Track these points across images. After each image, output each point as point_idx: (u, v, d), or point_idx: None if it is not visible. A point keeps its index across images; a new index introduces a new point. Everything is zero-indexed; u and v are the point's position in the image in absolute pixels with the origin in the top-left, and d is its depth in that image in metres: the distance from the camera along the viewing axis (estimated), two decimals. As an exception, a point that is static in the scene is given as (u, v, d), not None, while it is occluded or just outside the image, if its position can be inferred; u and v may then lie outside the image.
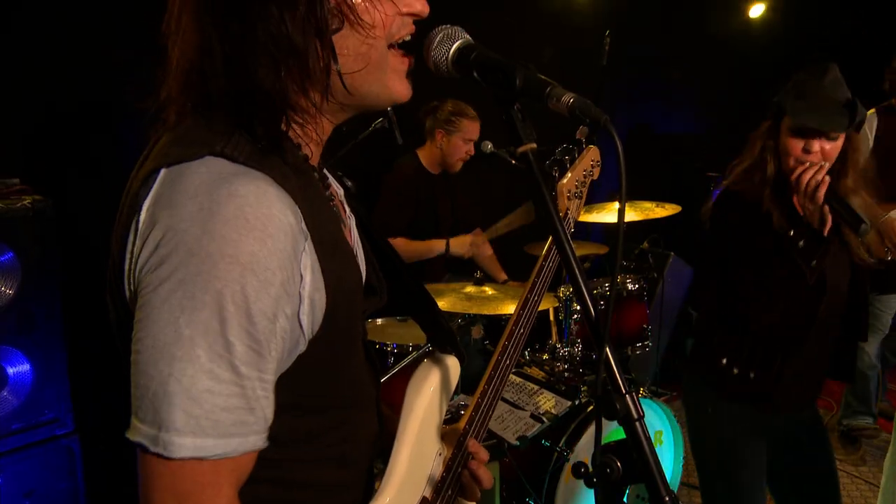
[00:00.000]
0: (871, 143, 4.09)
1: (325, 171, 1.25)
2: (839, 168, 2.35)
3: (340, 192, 1.32)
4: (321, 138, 1.14)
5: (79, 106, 3.18)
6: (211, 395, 0.87)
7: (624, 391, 1.05)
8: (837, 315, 2.43)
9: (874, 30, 6.10)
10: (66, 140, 3.15)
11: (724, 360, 2.47)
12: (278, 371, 0.98)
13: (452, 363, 1.46)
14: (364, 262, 1.26)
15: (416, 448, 1.36)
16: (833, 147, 2.30)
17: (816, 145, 2.29)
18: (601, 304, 3.86)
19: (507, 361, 1.57)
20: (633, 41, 5.39)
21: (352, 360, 1.19)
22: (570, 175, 1.90)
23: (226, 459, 0.90)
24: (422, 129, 4.16)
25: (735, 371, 2.45)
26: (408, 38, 1.12)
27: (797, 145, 2.31)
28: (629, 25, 5.33)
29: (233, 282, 0.87)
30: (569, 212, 1.89)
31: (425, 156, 4.17)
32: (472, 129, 4.03)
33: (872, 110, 4.20)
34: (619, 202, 1.00)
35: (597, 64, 4.72)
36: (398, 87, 1.12)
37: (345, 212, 1.27)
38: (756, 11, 5.97)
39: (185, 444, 0.87)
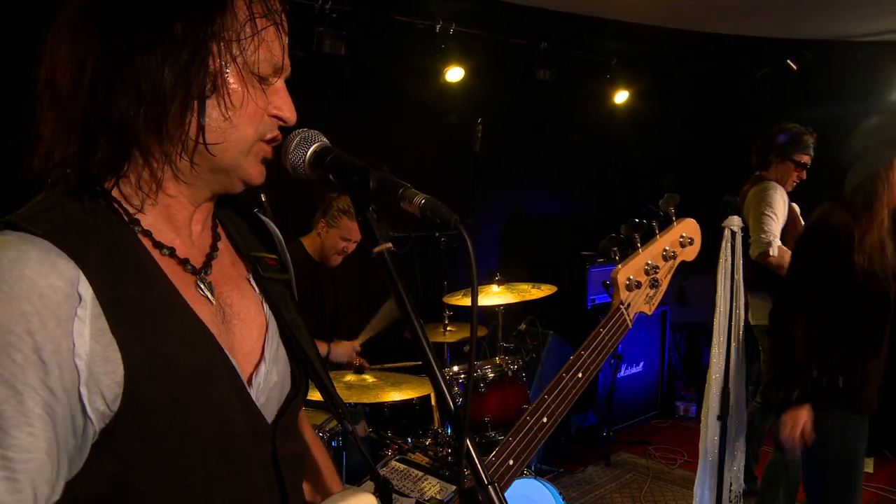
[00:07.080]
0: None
1: (222, 235, 1.22)
2: None
3: (242, 269, 1.24)
4: (167, 204, 1.09)
5: None
6: None
7: (486, 482, 1.06)
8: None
9: (727, 108, 6.64)
10: None
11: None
12: (71, 455, 0.94)
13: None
14: (275, 349, 1.21)
15: None
16: None
17: None
18: (482, 388, 3.89)
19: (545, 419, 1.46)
20: (507, 128, 5.61)
21: (210, 466, 1.06)
22: (633, 260, 1.64)
23: None
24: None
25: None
26: (273, 143, 1.12)
27: None
28: (504, 113, 5.57)
29: None
30: (622, 306, 1.61)
31: (309, 244, 4.13)
32: (352, 229, 3.96)
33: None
34: (472, 305, 1.03)
35: (470, 151, 4.89)
36: (253, 171, 1.12)
37: (236, 288, 1.19)
38: (620, 98, 6.35)
39: None
